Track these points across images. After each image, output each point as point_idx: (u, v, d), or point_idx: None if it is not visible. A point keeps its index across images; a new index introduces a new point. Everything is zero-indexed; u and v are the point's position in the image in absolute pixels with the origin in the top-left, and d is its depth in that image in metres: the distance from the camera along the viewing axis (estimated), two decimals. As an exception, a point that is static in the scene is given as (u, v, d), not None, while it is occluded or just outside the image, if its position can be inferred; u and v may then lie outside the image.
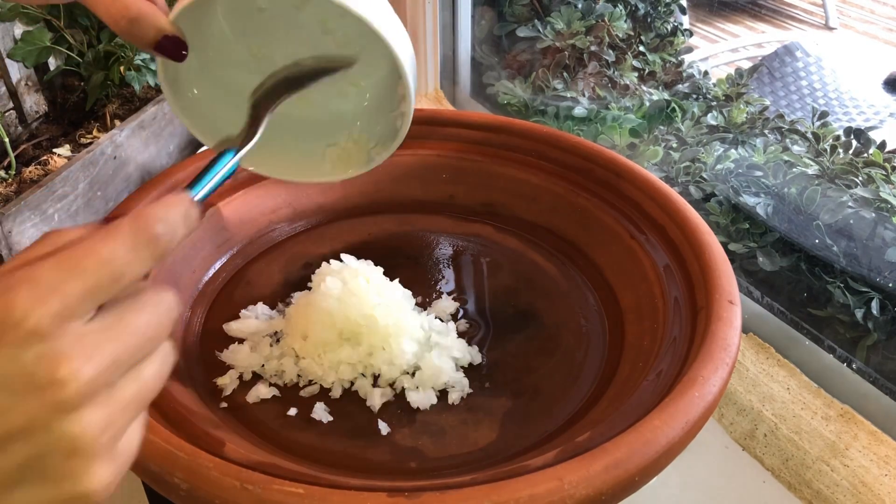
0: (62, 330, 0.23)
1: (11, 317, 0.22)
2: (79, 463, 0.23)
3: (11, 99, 0.73)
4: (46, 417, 0.22)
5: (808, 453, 0.54)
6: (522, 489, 0.34)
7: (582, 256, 0.60)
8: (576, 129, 0.85)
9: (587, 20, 0.91)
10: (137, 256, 0.25)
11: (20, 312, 0.22)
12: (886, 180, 0.64)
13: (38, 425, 0.22)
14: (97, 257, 0.24)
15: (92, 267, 0.24)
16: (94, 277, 0.23)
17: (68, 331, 0.23)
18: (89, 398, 0.23)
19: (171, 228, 0.26)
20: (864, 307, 0.60)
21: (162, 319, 0.26)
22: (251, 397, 0.48)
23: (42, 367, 0.22)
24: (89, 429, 0.23)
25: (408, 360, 0.49)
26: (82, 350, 0.23)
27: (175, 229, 0.26)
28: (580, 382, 0.50)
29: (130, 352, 0.25)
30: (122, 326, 0.24)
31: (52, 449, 0.23)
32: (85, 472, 0.23)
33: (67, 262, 0.23)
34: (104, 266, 0.24)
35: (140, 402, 0.25)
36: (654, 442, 0.36)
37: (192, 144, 0.84)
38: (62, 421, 0.22)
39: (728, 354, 0.42)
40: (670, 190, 0.55)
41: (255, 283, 0.58)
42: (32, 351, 0.22)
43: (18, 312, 0.22)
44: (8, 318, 0.22)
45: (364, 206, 0.65)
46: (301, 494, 0.34)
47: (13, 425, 0.22)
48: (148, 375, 0.25)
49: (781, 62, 1.07)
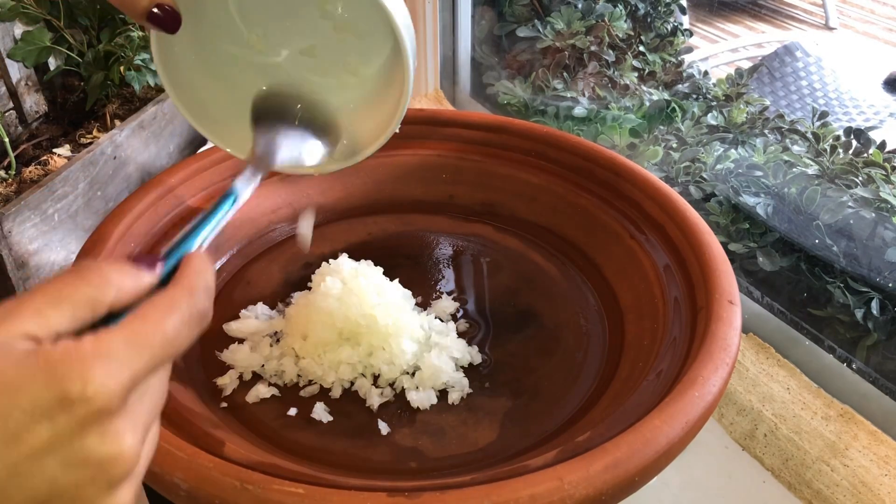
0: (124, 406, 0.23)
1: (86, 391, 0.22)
2: None
3: (11, 99, 0.73)
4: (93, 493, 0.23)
5: (808, 453, 0.54)
6: (522, 489, 0.34)
7: (582, 256, 0.60)
8: (576, 129, 0.85)
9: (587, 20, 0.91)
10: (191, 333, 0.26)
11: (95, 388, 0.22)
12: (886, 180, 0.64)
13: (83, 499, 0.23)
14: (164, 336, 0.24)
15: (158, 345, 0.24)
16: (159, 356, 0.24)
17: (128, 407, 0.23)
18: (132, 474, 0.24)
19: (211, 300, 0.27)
20: (864, 307, 0.60)
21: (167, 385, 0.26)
22: (251, 397, 0.48)
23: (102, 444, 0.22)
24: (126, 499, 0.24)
25: (408, 360, 0.49)
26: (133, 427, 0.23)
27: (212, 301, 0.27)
28: (580, 382, 0.50)
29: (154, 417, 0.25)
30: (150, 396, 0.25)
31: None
32: None
33: (139, 339, 0.24)
34: (169, 345, 0.25)
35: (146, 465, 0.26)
36: (654, 442, 0.36)
37: (192, 144, 0.84)
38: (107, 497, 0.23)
39: (728, 354, 0.42)
40: (670, 190, 0.55)
41: (255, 283, 0.58)
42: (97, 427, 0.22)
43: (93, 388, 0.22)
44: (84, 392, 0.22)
45: (364, 206, 0.65)
46: (301, 494, 0.34)
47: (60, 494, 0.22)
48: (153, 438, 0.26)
49: (781, 62, 1.07)
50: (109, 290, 0.24)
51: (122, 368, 0.23)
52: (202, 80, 0.45)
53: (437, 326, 0.52)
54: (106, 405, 0.22)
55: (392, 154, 0.65)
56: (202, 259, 0.28)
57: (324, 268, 0.53)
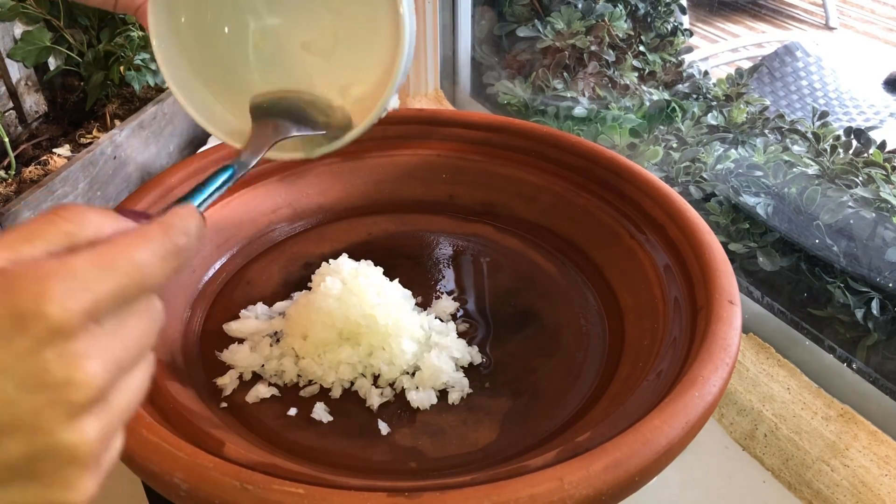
0: (85, 329, 0.22)
1: (42, 307, 0.21)
2: (72, 472, 0.22)
3: (11, 99, 0.73)
4: (53, 417, 0.21)
5: (808, 453, 0.54)
6: (522, 489, 0.34)
7: (582, 256, 0.60)
8: (576, 129, 0.85)
9: (587, 20, 0.91)
10: (164, 267, 0.25)
11: (53, 305, 0.21)
12: (886, 180, 0.64)
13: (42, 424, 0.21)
14: (132, 262, 0.23)
15: (125, 270, 0.23)
16: (125, 281, 0.23)
17: (90, 331, 0.22)
18: (95, 405, 0.22)
19: (193, 242, 0.26)
20: (864, 307, 0.60)
21: (153, 327, 0.25)
22: (251, 397, 0.48)
23: (60, 365, 0.21)
24: (89, 438, 0.22)
25: (407, 360, 0.49)
26: (97, 352, 0.22)
27: (194, 243, 0.26)
28: (580, 382, 0.50)
29: (129, 357, 0.24)
30: (125, 331, 0.24)
31: (51, 452, 0.22)
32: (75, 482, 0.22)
33: (104, 260, 0.23)
34: (136, 272, 0.23)
35: (129, 412, 0.24)
36: (654, 442, 0.36)
37: (192, 144, 0.84)
38: (67, 425, 0.22)
39: (728, 354, 0.42)
40: (670, 190, 0.55)
41: (255, 283, 0.58)
42: (54, 346, 0.21)
43: (51, 305, 0.21)
44: (38, 307, 0.21)
45: (364, 206, 0.65)
46: (301, 494, 0.34)
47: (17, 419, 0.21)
48: (136, 385, 0.25)
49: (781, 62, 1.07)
50: (87, 228, 0.24)
51: (83, 288, 0.22)
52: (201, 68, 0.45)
53: (437, 326, 0.52)
54: (63, 324, 0.21)
55: (392, 154, 0.65)
56: (188, 207, 0.27)
57: (324, 268, 0.53)
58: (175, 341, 0.51)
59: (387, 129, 0.65)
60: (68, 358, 0.21)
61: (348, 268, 0.52)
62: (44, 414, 0.21)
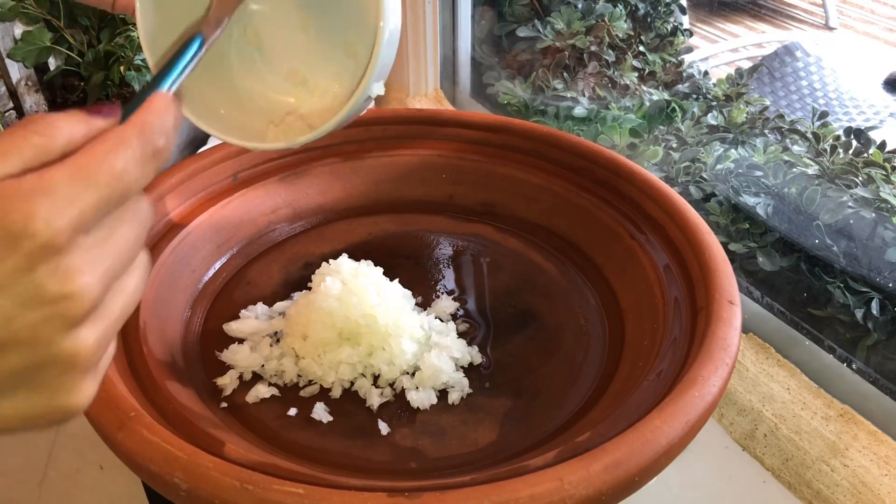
0: (74, 243, 0.22)
1: (29, 226, 0.21)
2: (72, 378, 0.23)
3: (11, 99, 0.73)
4: (51, 330, 0.22)
5: (808, 453, 0.54)
6: (522, 489, 0.34)
7: (582, 256, 0.60)
8: (576, 129, 0.85)
9: (587, 20, 0.91)
10: (144, 171, 0.25)
11: (39, 223, 0.21)
12: (886, 180, 0.64)
13: (41, 337, 0.22)
14: (111, 171, 0.23)
15: (105, 180, 0.23)
16: (107, 191, 0.23)
17: (79, 245, 0.22)
18: (91, 314, 0.23)
19: (170, 141, 0.26)
20: (864, 307, 0.60)
21: (143, 229, 0.25)
22: (251, 397, 0.48)
23: (54, 281, 0.22)
24: (87, 345, 0.23)
25: (407, 360, 0.49)
26: (89, 265, 0.23)
27: (171, 141, 0.26)
28: (580, 382, 0.50)
29: (121, 263, 0.24)
30: (114, 238, 0.24)
31: (51, 362, 0.23)
32: (75, 387, 0.24)
33: (82, 172, 0.23)
34: (117, 180, 0.23)
35: (124, 315, 0.25)
36: (654, 442, 0.36)
37: (193, 144, 0.84)
38: (65, 335, 0.22)
39: (728, 354, 0.42)
40: (670, 190, 0.55)
41: (255, 283, 0.58)
42: (46, 263, 0.22)
43: (37, 223, 0.21)
44: (25, 227, 0.21)
45: (364, 206, 0.65)
46: (301, 494, 0.34)
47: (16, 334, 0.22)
48: (131, 288, 0.25)
49: (781, 62, 1.07)
50: (60, 137, 0.24)
51: (67, 203, 0.22)
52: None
53: (437, 326, 0.52)
54: (52, 240, 0.21)
55: (392, 154, 0.65)
56: (163, 98, 0.27)
57: (324, 268, 0.53)
58: (175, 341, 0.51)
59: (387, 129, 0.65)
60: (61, 273, 0.22)
61: (348, 268, 0.52)
62: (42, 327, 0.22)
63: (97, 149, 0.24)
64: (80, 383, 0.24)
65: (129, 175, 0.24)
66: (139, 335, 0.48)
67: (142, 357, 0.46)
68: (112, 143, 0.24)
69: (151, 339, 0.48)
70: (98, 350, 0.24)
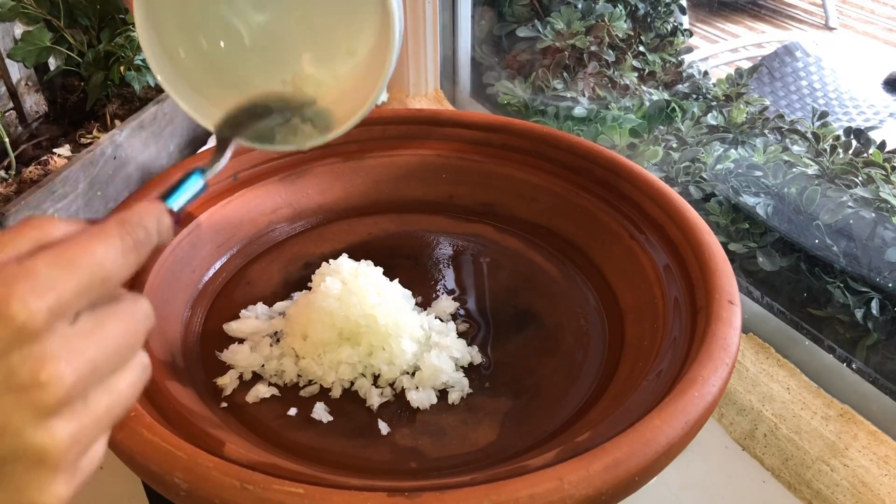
0: (51, 329, 0.22)
1: (5, 309, 0.21)
2: (42, 474, 0.22)
3: (11, 99, 0.73)
4: (20, 419, 0.21)
5: (808, 453, 0.54)
6: (522, 489, 0.34)
7: (582, 256, 0.60)
8: (576, 129, 0.85)
9: (587, 20, 0.91)
10: (125, 260, 0.25)
11: (16, 305, 0.21)
12: (886, 180, 0.64)
13: (10, 427, 0.21)
14: (91, 257, 0.23)
15: (86, 266, 0.23)
16: (87, 277, 0.23)
17: (57, 331, 0.22)
18: (66, 406, 0.22)
19: (150, 236, 0.26)
20: (864, 307, 0.60)
21: (138, 328, 0.25)
22: (251, 397, 0.48)
23: (27, 367, 0.21)
24: (60, 441, 0.22)
25: (407, 360, 0.49)
26: (67, 353, 0.22)
27: (152, 237, 0.26)
28: (580, 382, 0.50)
29: (108, 359, 0.24)
30: (101, 332, 0.24)
31: (20, 455, 0.22)
32: (45, 486, 0.22)
33: (63, 259, 0.23)
34: (97, 267, 0.23)
35: (111, 416, 0.24)
36: (654, 442, 0.36)
37: (193, 144, 0.84)
38: (36, 427, 0.22)
39: (728, 354, 0.42)
40: (670, 190, 0.55)
41: (255, 283, 0.59)
42: (20, 347, 0.21)
43: (13, 305, 0.21)
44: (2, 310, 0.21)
45: (364, 206, 0.65)
46: (301, 494, 0.34)
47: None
48: (122, 388, 0.25)
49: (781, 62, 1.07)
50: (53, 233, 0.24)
51: (45, 286, 0.22)
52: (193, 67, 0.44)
53: (437, 326, 0.52)
54: (28, 324, 0.21)
55: (392, 154, 0.65)
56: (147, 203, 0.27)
57: (324, 268, 0.53)
58: (175, 341, 0.51)
59: (387, 129, 0.65)
60: (35, 359, 0.21)
61: (348, 268, 0.52)
62: (11, 415, 0.21)
63: (78, 238, 0.24)
64: (50, 482, 0.22)
65: (109, 262, 0.24)
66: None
67: (142, 357, 0.46)
68: (93, 232, 0.24)
69: (151, 339, 0.48)
70: (73, 446, 0.23)
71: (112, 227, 0.25)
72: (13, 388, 0.21)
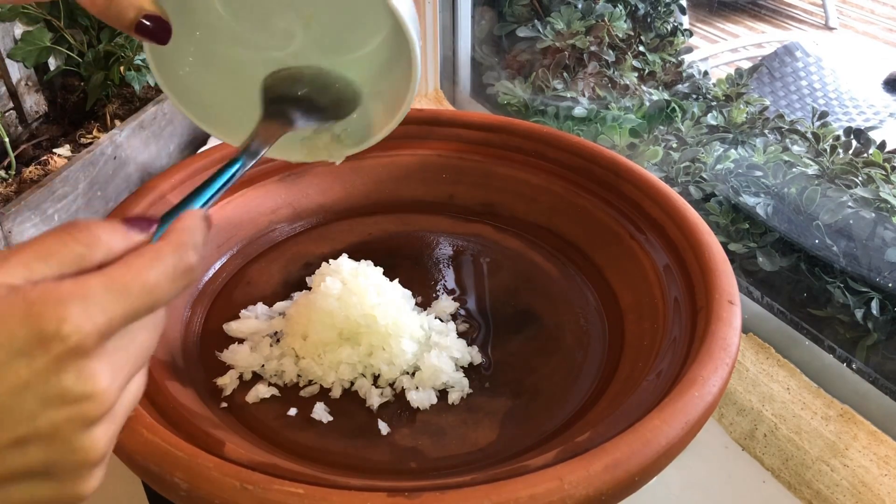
0: (100, 348, 0.23)
1: (61, 329, 0.22)
2: (84, 471, 0.25)
3: (11, 99, 0.73)
4: (70, 430, 0.23)
5: (808, 453, 0.54)
6: (522, 489, 0.34)
7: (582, 256, 0.60)
8: (576, 129, 0.85)
9: (587, 20, 0.91)
10: (175, 287, 0.26)
11: (71, 327, 0.22)
12: (886, 180, 0.64)
13: (61, 435, 0.23)
14: (144, 284, 0.25)
15: (137, 293, 0.24)
16: (137, 303, 0.24)
17: (105, 350, 0.24)
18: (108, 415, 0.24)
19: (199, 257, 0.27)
20: (864, 307, 0.60)
21: (156, 336, 0.27)
22: (251, 397, 0.48)
23: (78, 384, 0.23)
24: (102, 444, 0.24)
25: (407, 360, 0.49)
26: (111, 370, 0.24)
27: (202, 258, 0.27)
28: (580, 382, 0.50)
29: (137, 369, 0.26)
30: (135, 345, 0.25)
31: (67, 458, 0.24)
32: (87, 479, 0.25)
33: (118, 283, 0.24)
34: (148, 294, 0.25)
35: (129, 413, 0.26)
36: (654, 442, 0.36)
37: (192, 144, 0.84)
38: (83, 434, 0.24)
39: (728, 354, 0.42)
40: (670, 190, 0.55)
41: (255, 283, 0.58)
42: (72, 366, 0.23)
43: (69, 327, 0.22)
44: (58, 330, 0.22)
45: (364, 206, 0.65)
46: (301, 494, 0.34)
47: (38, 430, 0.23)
48: (136, 388, 0.27)
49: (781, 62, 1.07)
50: (99, 249, 0.25)
51: (99, 311, 0.23)
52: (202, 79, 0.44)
53: (437, 326, 0.52)
54: (81, 344, 0.23)
55: (392, 154, 0.65)
56: (195, 216, 0.28)
57: (324, 268, 0.53)
58: (175, 341, 0.51)
59: (387, 129, 0.65)
60: (86, 377, 0.23)
61: (348, 268, 0.52)
62: (63, 426, 0.23)
63: (134, 262, 0.25)
64: (91, 475, 0.25)
65: (160, 289, 0.25)
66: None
67: (142, 357, 0.46)
68: (148, 258, 0.25)
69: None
70: (110, 446, 0.25)
71: (167, 252, 0.26)
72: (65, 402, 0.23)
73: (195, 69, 0.44)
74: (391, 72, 0.44)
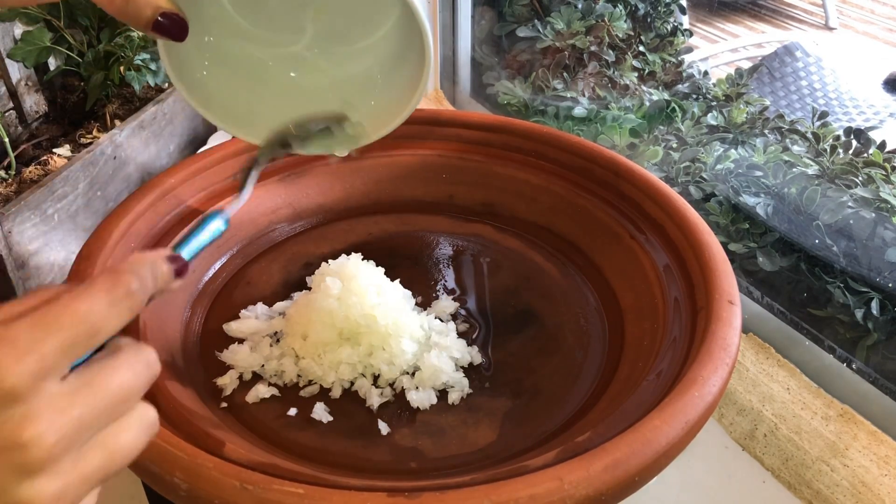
0: (36, 390, 0.22)
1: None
2: None
3: (11, 99, 0.73)
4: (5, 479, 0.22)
5: (808, 453, 0.54)
6: (522, 489, 0.34)
7: (582, 256, 0.60)
8: (576, 129, 0.85)
9: (587, 20, 0.91)
10: (113, 311, 0.25)
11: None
12: (886, 180, 0.64)
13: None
14: (73, 314, 0.24)
15: (68, 323, 0.23)
16: (70, 334, 0.23)
17: (42, 391, 0.22)
18: (51, 464, 0.23)
19: (144, 284, 0.26)
20: (864, 307, 0.60)
21: (137, 380, 0.25)
22: (251, 397, 0.48)
23: (8, 428, 0.22)
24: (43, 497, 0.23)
25: (407, 360, 0.49)
26: (49, 413, 0.22)
27: (146, 284, 0.27)
28: (580, 382, 0.50)
29: (99, 415, 0.24)
30: (92, 387, 0.24)
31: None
32: None
33: (43, 320, 0.23)
34: (80, 322, 0.24)
35: (106, 471, 0.25)
36: (654, 442, 0.36)
37: (193, 144, 0.84)
38: (19, 485, 0.22)
39: (728, 354, 0.42)
40: (670, 190, 0.55)
41: (255, 283, 0.58)
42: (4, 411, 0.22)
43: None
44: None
45: (364, 206, 0.65)
46: (301, 494, 0.34)
47: None
48: (120, 443, 0.25)
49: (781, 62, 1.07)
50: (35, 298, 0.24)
51: (25, 350, 0.22)
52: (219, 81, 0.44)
53: (436, 326, 0.52)
54: (13, 388, 0.22)
55: (392, 154, 0.65)
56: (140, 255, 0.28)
57: (324, 268, 0.53)
58: (175, 341, 0.51)
59: (387, 129, 0.65)
60: (17, 420, 0.22)
61: (348, 268, 0.52)
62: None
63: (62, 298, 0.24)
64: None
65: (96, 315, 0.24)
66: (139, 335, 0.48)
67: (142, 357, 0.46)
68: (78, 290, 0.24)
69: (151, 339, 0.48)
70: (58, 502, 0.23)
71: (100, 280, 0.25)
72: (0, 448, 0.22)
73: (212, 71, 0.44)
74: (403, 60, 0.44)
